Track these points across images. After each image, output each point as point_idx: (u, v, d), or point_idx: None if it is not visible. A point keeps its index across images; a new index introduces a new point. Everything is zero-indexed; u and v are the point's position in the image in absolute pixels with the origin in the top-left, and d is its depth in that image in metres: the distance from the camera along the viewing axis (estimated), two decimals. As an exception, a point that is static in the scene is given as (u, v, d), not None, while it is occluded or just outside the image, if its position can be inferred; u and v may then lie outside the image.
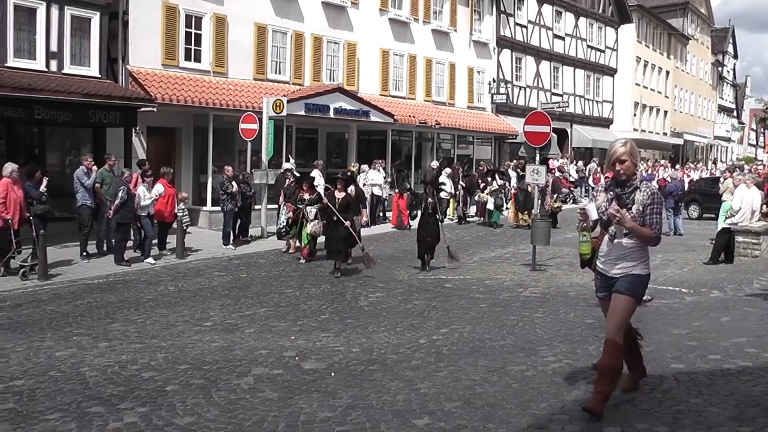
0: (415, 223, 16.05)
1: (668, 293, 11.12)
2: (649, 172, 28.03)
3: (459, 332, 8.46)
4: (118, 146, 16.23)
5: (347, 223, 12.33)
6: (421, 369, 6.95)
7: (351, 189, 14.09)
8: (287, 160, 18.81)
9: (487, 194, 21.38)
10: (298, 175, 15.90)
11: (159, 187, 13.94)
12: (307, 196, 13.60)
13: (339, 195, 12.74)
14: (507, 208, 24.58)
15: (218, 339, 8.07)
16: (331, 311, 9.68)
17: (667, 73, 49.28)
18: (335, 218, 12.36)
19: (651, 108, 46.81)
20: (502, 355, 7.42)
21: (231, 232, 15.85)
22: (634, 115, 44.04)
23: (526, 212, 20.56)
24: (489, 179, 21.96)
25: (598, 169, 31.34)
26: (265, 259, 14.39)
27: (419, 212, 15.60)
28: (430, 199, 13.08)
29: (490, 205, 20.86)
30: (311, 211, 13.37)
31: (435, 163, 22.54)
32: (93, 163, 13.95)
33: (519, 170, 24.55)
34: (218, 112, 18.93)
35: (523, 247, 16.22)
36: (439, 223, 13.19)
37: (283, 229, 15.00)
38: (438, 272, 12.84)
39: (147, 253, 13.52)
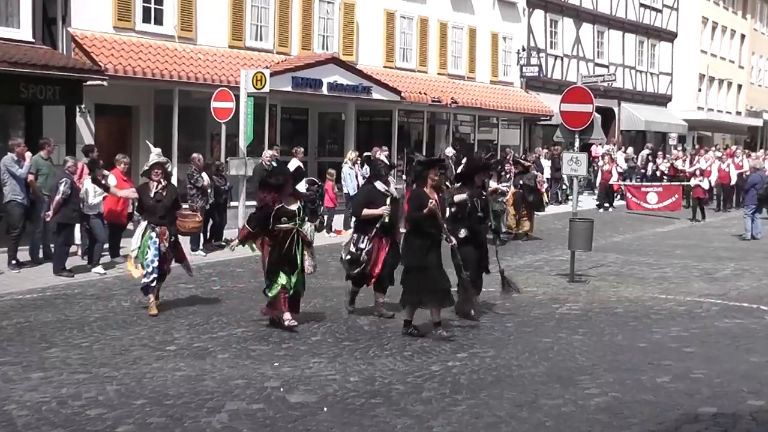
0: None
1: (743, 311, 11.10)
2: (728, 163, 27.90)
3: (480, 357, 8.44)
4: (58, 128, 16.21)
5: (453, 242, 9.67)
6: (434, 403, 6.94)
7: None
8: (271, 147, 18.85)
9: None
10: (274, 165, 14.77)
11: (111, 180, 13.95)
12: (292, 207, 9.77)
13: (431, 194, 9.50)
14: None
15: (184, 367, 8.04)
16: (324, 331, 9.65)
17: (742, 37, 49.14)
18: (432, 235, 9.35)
19: (721, 81, 46.73)
20: (533, 386, 7.40)
21: (201, 234, 15.85)
22: (699, 90, 43.99)
23: (525, 217, 18.70)
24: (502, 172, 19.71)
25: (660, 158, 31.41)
26: (243, 268, 14.36)
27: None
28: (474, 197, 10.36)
29: None
30: (308, 229, 9.92)
31: (450, 151, 22.54)
32: (26, 148, 13.86)
33: (556, 158, 24.54)
34: (185, 87, 18.93)
35: (559, 253, 16.18)
36: (496, 240, 11.22)
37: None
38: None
39: (96, 262, 13.53)
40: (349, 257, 10.35)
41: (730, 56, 47.63)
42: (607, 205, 26.13)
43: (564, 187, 27.44)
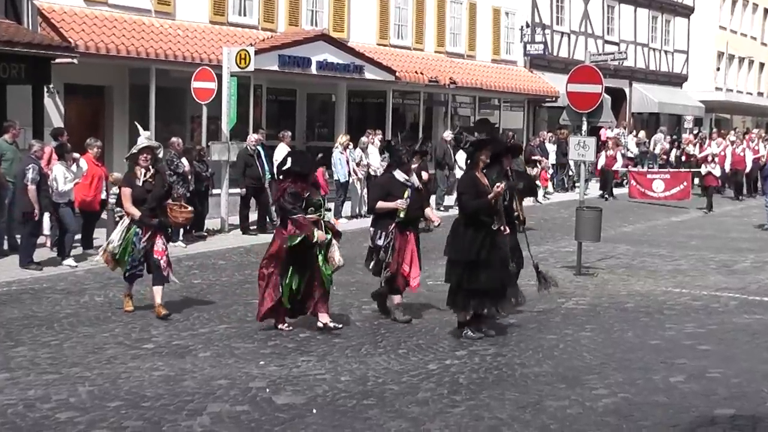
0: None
1: (763, 306, 11.17)
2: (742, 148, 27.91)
3: (480, 356, 8.47)
4: (24, 110, 16.13)
5: (508, 231, 9.46)
6: (431, 404, 6.97)
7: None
8: (256, 131, 18.83)
9: None
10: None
11: (83, 165, 13.93)
12: (317, 197, 9.71)
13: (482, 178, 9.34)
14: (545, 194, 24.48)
15: (163, 366, 8.05)
16: (314, 328, 9.65)
17: (765, 11, 49.07)
18: (487, 225, 9.05)
19: (741, 59, 46.69)
20: (536, 387, 7.43)
21: (180, 224, 15.90)
22: (718, 69, 43.99)
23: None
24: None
25: (666, 142, 31.34)
26: (226, 261, 14.40)
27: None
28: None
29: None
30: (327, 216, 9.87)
31: (449, 134, 22.53)
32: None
33: (563, 143, 24.56)
34: (162, 66, 18.87)
35: (565, 244, 16.21)
36: (521, 228, 10.70)
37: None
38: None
39: (67, 253, 13.52)
40: (373, 256, 10.01)
41: (751, 32, 47.58)
42: (603, 194, 25.69)
43: (570, 173, 27.48)
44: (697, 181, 25.90)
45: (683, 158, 29.87)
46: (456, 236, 9.07)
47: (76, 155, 13.91)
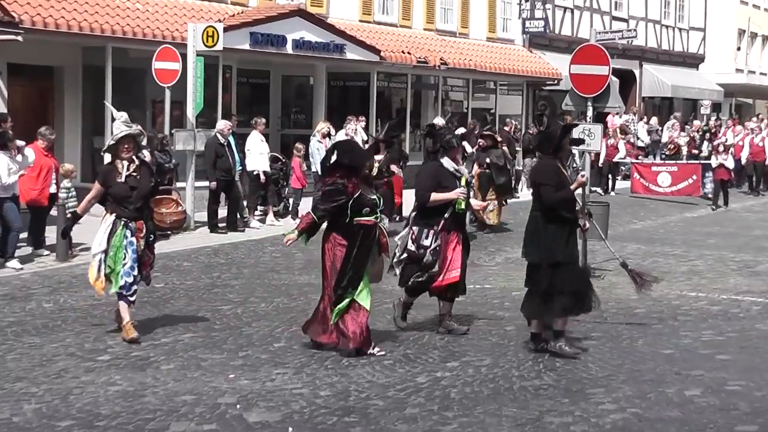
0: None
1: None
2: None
3: (475, 367, 8.47)
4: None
5: (588, 227, 9.85)
6: (420, 421, 6.95)
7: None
8: (226, 117, 18.78)
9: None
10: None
11: (30, 155, 13.84)
12: (372, 195, 9.19)
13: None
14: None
15: (120, 380, 8.01)
16: (289, 337, 9.64)
17: (792, -17, 49.22)
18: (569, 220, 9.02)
19: (765, 38, 46.88)
20: (537, 401, 7.44)
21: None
22: (738, 49, 44.17)
23: (493, 204, 17.93)
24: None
25: (674, 129, 31.11)
26: (191, 262, 14.38)
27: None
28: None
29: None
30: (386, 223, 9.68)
31: (440, 120, 22.50)
32: None
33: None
34: (120, 44, 18.81)
35: (571, 244, 16.24)
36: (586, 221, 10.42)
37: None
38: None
39: (10, 254, 13.46)
40: (405, 257, 9.55)
41: (776, 8, 47.81)
42: (598, 189, 25.12)
43: (575, 165, 27.50)
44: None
45: (689, 149, 29.36)
46: (538, 235, 8.86)
47: (20, 143, 13.80)
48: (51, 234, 14.48)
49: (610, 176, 26.31)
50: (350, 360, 8.69)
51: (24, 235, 14.13)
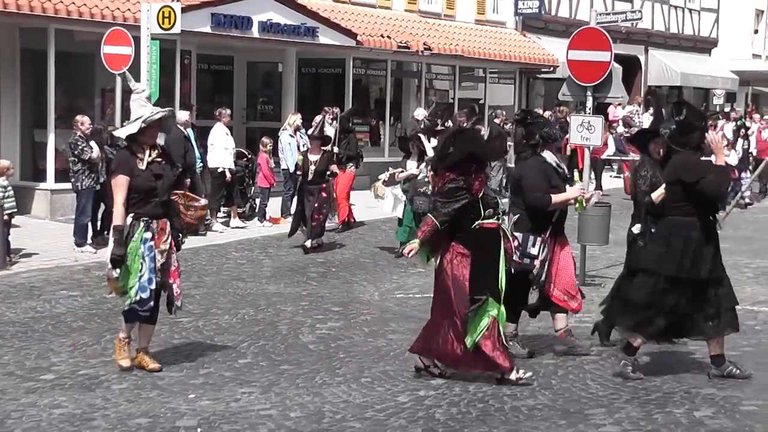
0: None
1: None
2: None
3: (462, 385, 8.48)
4: None
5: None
6: (401, 447, 6.97)
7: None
8: (185, 108, 18.73)
9: (381, 184, 17.36)
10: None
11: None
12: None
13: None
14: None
15: (66, 402, 7.99)
16: (256, 352, 9.66)
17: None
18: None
19: (786, 20, 47.12)
20: (530, 423, 7.46)
21: (90, 224, 15.77)
22: (756, 32, 44.38)
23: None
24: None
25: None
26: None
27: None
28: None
29: (389, 207, 16.07)
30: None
31: (421, 112, 22.57)
32: None
33: (563, 123, 24.60)
34: (64, 26, 18.70)
35: (569, 249, 16.33)
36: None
37: None
38: (427, 287, 12.88)
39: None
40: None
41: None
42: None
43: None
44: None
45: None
46: (660, 243, 8.72)
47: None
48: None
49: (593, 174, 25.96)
50: (324, 377, 8.72)
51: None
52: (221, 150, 17.83)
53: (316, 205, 15.54)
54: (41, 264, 14.39)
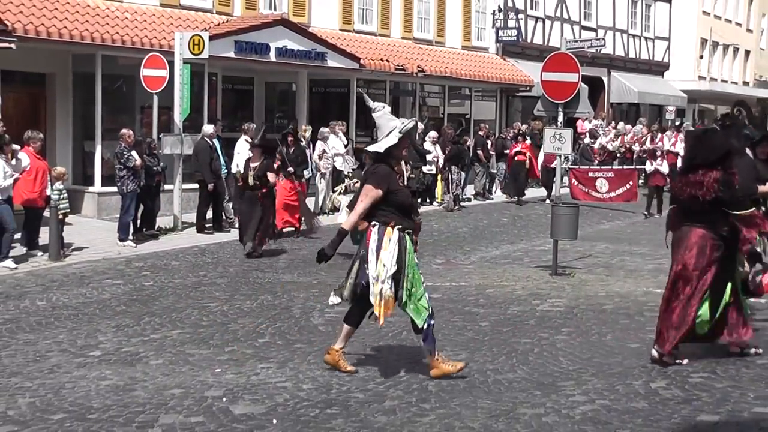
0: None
1: (754, 306, 11.21)
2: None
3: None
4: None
5: None
6: (398, 413, 6.99)
7: None
8: (212, 122, 18.74)
9: (339, 193, 17.12)
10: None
11: (23, 159, 13.79)
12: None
13: None
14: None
15: (111, 375, 8.01)
16: (273, 332, 9.66)
17: (752, -6, 49.41)
18: None
19: (726, 47, 47.23)
20: (510, 394, 7.48)
21: (131, 222, 15.80)
22: (701, 57, 44.43)
23: None
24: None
25: (643, 133, 31.03)
26: (179, 261, 14.34)
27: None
28: None
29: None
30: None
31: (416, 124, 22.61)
32: None
33: (537, 135, 24.55)
34: (110, 52, 18.73)
35: (540, 243, 16.34)
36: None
37: None
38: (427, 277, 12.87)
39: (5, 254, 13.39)
40: None
41: (736, 18, 48.11)
42: (548, 195, 23.59)
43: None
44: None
45: (626, 156, 28.11)
46: None
47: (15, 147, 13.78)
48: (43, 234, 14.45)
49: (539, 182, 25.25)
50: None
51: (18, 235, 14.07)
52: (245, 158, 17.76)
53: (256, 212, 14.36)
54: (90, 256, 14.46)
